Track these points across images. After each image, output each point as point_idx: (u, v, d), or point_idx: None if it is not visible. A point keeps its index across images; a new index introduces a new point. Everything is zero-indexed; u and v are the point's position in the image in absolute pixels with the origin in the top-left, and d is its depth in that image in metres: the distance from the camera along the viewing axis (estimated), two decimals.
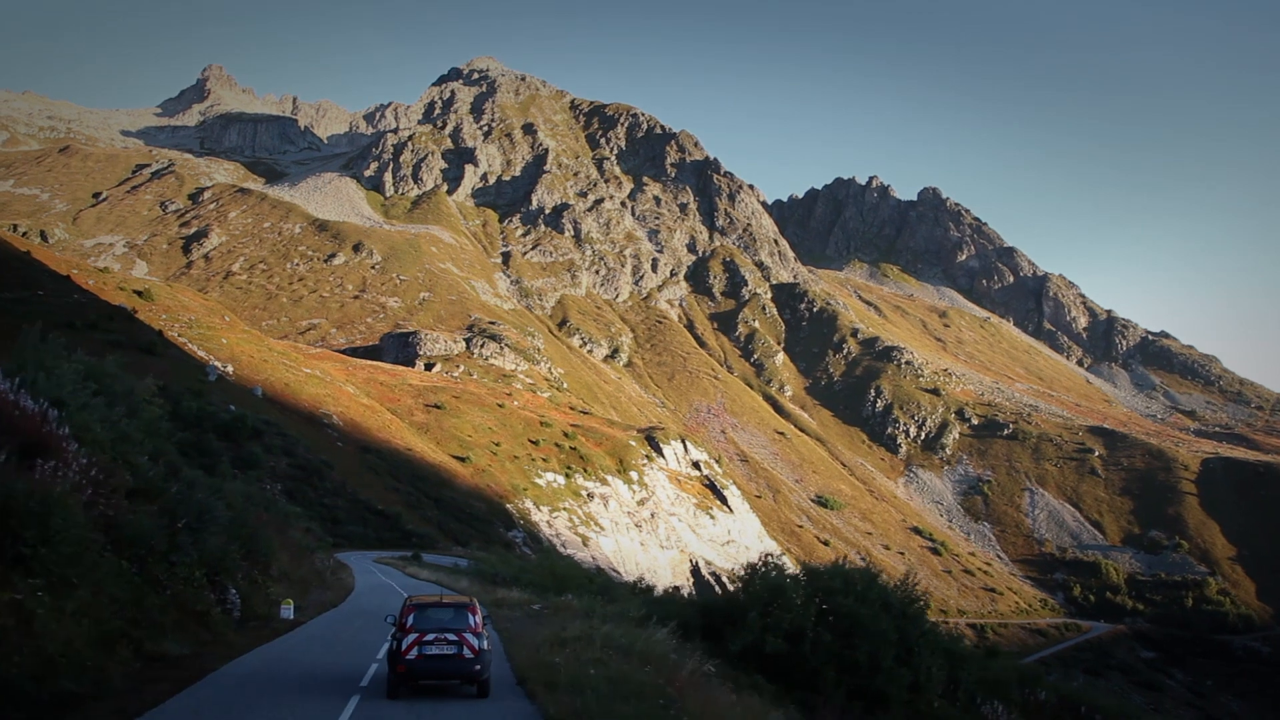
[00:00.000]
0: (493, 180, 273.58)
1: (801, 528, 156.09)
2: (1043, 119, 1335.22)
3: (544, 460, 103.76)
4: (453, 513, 79.17)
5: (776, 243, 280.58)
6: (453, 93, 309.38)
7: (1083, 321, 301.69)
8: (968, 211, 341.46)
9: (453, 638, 15.80)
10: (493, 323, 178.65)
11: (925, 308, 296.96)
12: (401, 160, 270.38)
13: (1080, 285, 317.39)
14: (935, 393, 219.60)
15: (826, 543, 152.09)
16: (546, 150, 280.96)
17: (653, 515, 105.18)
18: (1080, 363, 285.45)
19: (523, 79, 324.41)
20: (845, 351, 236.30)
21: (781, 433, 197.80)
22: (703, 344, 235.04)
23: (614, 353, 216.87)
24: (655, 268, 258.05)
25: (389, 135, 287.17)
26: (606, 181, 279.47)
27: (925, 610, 24.15)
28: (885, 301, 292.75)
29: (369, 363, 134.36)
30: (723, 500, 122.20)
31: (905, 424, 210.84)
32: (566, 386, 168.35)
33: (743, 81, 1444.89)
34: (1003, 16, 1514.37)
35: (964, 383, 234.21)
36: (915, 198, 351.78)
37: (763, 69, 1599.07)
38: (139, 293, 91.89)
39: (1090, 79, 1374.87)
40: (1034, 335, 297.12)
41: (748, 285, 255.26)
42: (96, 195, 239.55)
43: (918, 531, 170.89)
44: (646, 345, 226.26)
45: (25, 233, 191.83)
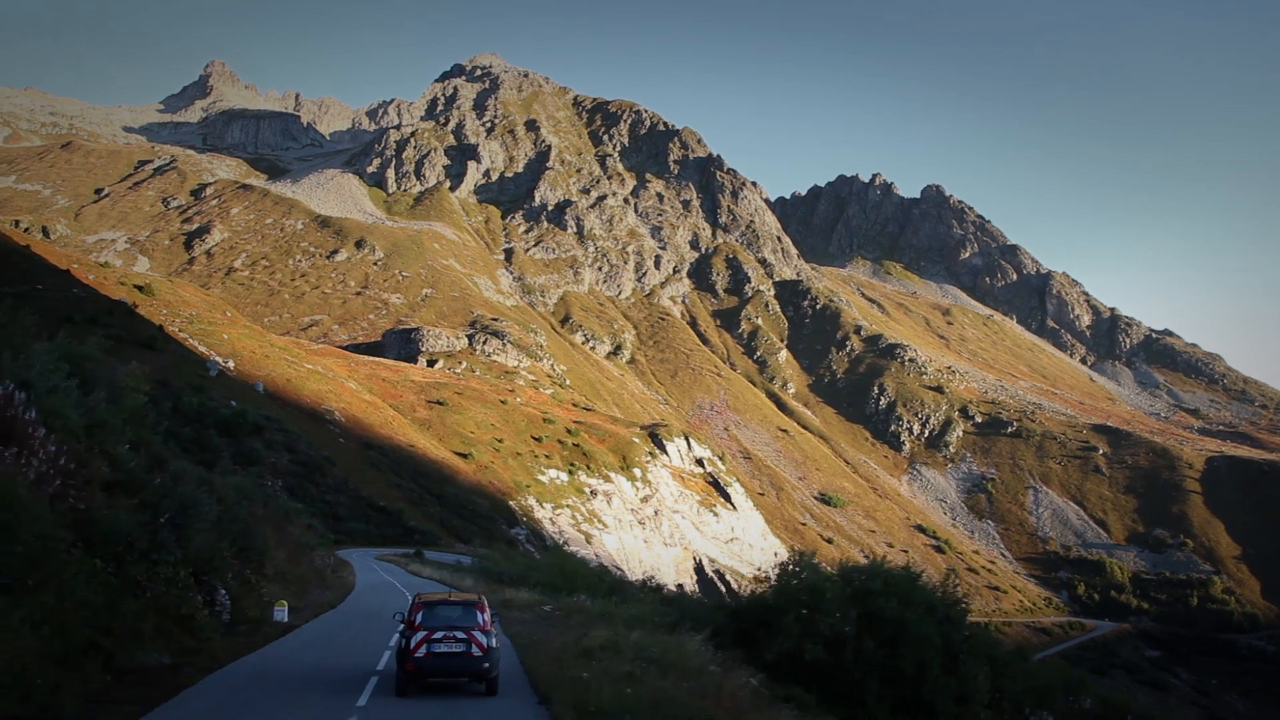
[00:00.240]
0: (495, 177, 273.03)
1: (805, 525, 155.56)
2: (1046, 117, 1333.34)
3: (547, 457, 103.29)
4: (455, 509, 78.73)
5: (780, 240, 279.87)
6: (455, 89, 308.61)
7: (1086, 319, 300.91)
8: (971, 209, 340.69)
9: (461, 635, 15.73)
10: (495, 319, 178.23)
11: (928, 305, 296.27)
12: (404, 157, 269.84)
13: (1084, 283, 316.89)
14: (939, 390, 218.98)
15: (830, 541, 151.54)
16: (549, 147, 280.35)
17: (656, 512, 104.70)
18: (1084, 361, 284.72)
19: (525, 75, 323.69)
20: (848, 349, 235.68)
21: (785, 430, 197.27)
22: (706, 341, 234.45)
23: (617, 349, 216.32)
24: (658, 264, 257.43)
25: (392, 131, 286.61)
26: (609, 178, 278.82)
27: (968, 613, 22.57)
28: (888, 299, 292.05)
29: (371, 359, 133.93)
30: (726, 498, 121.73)
31: (909, 421, 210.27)
32: (569, 383, 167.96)
33: (746, 79, 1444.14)
34: (1006, 15, 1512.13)
35: (967, 380, 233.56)
36: (918, 195, 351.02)
37: (766, 66, 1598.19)
38: (140, 287, 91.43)
39: (1093, 78, 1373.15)
40: (1037, 333, 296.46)
41: (751, 282, 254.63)
42: (99, 191, 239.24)
43: (921, 529, 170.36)
44: (649, 342, 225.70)
45: (27, 229, 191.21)
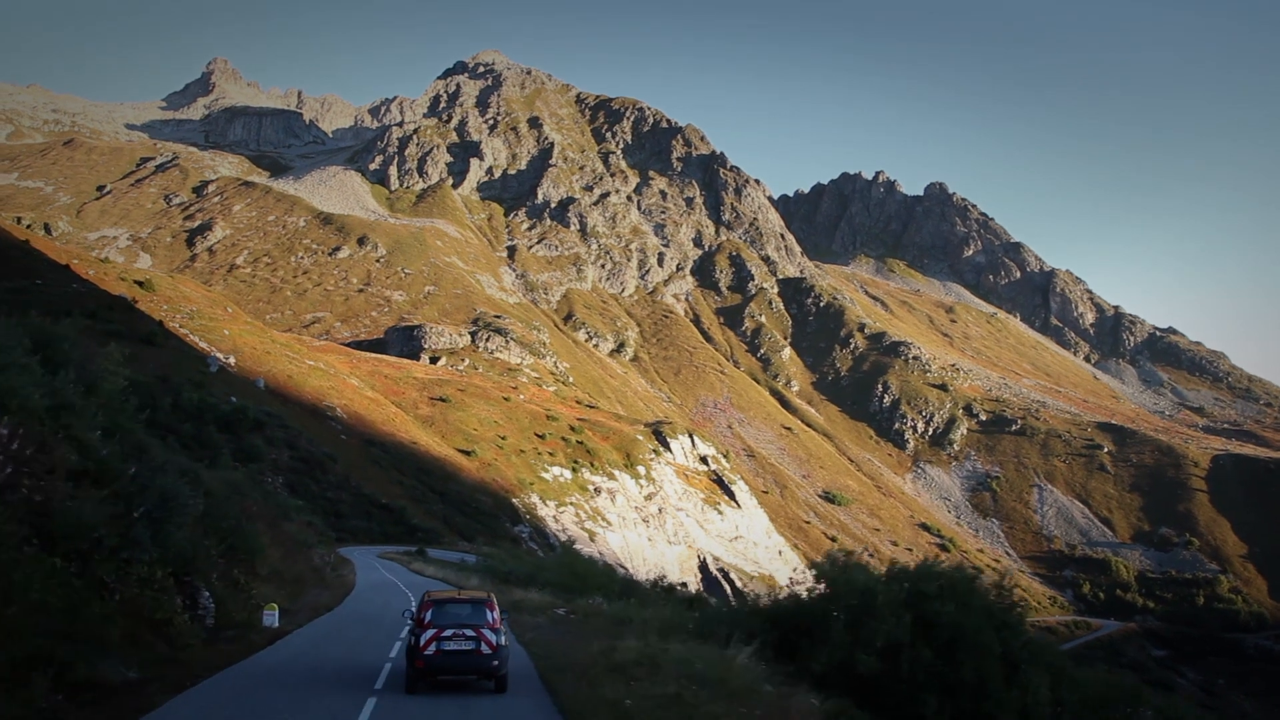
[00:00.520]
0: (498, 174, 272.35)
1: (809, 524, 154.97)
2: (1049, 115, 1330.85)
3: (550, 454, 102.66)
4: (458, 507, 78.13)
5: (783, 237, 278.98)
6: (458, 86, 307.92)
7: (1090, 317, 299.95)
8: (974, 207, 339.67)
9: (470, 633, 15.80)
10: (498, 316, 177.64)
11: (932, 303, 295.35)
12: (406, 154, 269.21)
13: (1087, 281, 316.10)
14: (943, 388, 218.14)
15: (834, 539, 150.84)
16: (552, 144, 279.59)
17: (660, 510, 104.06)
18: (1087, 359, 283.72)
19: (528, 72, 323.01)
20: (852, 346, 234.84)
21: (788, 428, 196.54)
22: (709, 339, 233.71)
23: (620, 347, 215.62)
24: (661, 262, 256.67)
25: (394, 129, 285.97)
26: (612, 175, 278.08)
27: (1025, 617, 20.64)
28: (892, 297, 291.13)
29: (373, 355, 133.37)
30: (730, 495, 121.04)
31: (913, 419, 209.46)
32: (572, 381, 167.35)
33: (749, 76, 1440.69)
34: (1010, 13, 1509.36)
35: (971, 378, 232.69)
36: (922, 193, 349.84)
37: (769, 64, 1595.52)
38: (140, 283, 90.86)
39: (1097, 76, 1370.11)
40: (1041, 331, 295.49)
41: (754, 280, 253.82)
42: (100, 188, 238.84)
43: (926, 528, 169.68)
44: (652, 340, 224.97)
45: (29, 225, 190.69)
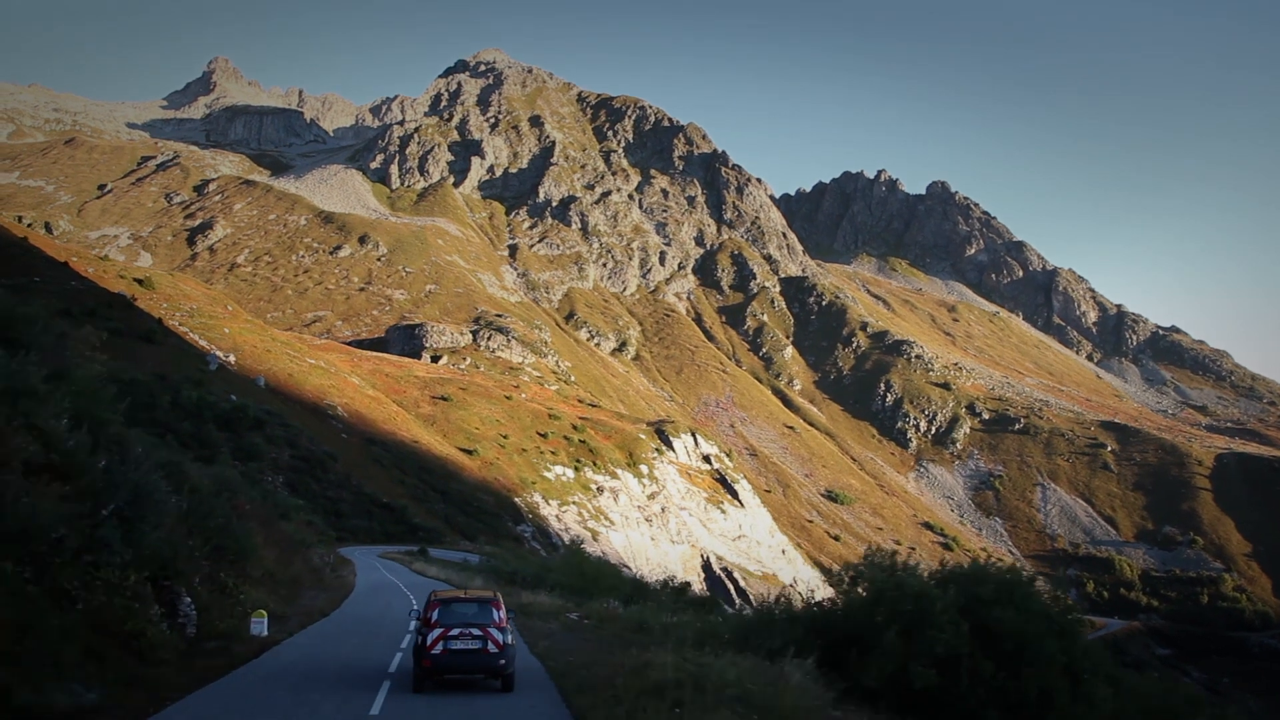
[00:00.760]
0: (499, 173, 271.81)
1: (812, 523, 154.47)
2: (1051, 114, 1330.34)
3: (553, 453, 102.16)
4: (460, 506, 77.62)
5: (785, 236, 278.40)
6: (459, 85, 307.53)
7: (1092, 316, 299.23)
8: (977, 205, 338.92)
9: (477, 632, 15.77)
10: (499, 315, 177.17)
11: (934, 302, 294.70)
12: (408, 152, 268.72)
13: (1090, 280, 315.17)
14: (945, 387, 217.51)
15: (837, 538, 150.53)
16: (553, 142, 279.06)
17: (663, 509, 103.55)
18: (1090, 357, 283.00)
19: (529, 71, 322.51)
20: (854, 345, 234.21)
21: (791, 427, 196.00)
22: (711, 337, 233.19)
23: (621, 346, 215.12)
24: (663, 261, 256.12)
25: (395, 127, 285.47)
26: (614, 174, 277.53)
27: (1082, 623, 18.71)
28: (894, 295, 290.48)
29: (374, 354, 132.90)
30: (733, 494, 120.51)
31: (915, 418, 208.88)
32: (574, 380, 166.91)
33: (751, 75, 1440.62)
34: (1011, 13, 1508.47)
35: (974, 377, 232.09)
36: (924, 192, 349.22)
37: (771, 63, 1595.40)
38: (139, 281, 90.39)
39: (1099, 75, 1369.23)
40: (1043, 330, 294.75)
41: (756, 279, 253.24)
42: (101, 187, 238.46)
43: (929, 527, 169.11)
44: (654, 339, 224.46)
45: (30, 224, 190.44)
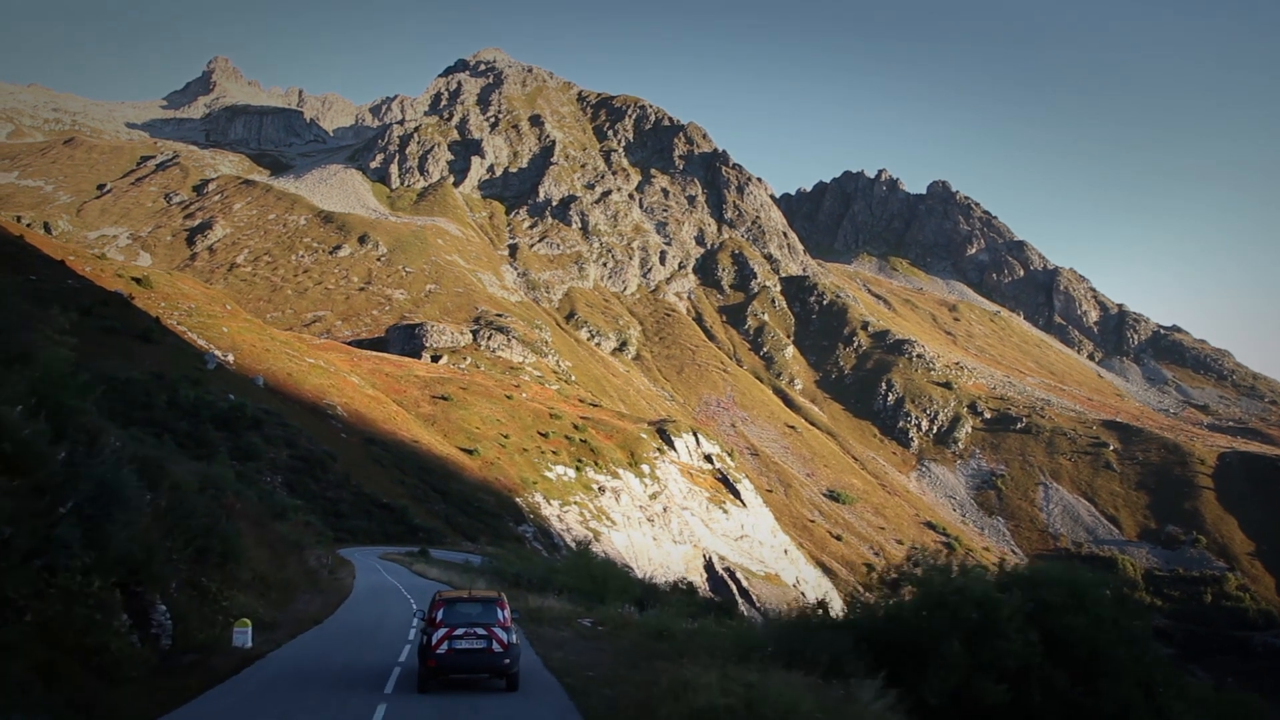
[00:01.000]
0: (499, 172, 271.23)
1: (814, 522, 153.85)
2: (1052, 114, 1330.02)
3: (554, 453, 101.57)
4: (460, 506, 77.04)
5: (785, 235, 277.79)
6: (459, 84, 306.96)
7: (1094, 315, 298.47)
8: (977, 205, 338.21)
9: (482, 632, 15.81)
10: (500, 315, 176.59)
11: (935, 301, 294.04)
12: (408, 152, 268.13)
13: (1091, 279, 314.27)
14: (947, 386, 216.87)
15: (839, 538, 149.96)
16: (554, 142, 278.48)
17: (665, 509, 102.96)
18: (1091, 357, 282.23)
19: (529, 70, 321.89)
20: (856, 345, 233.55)
21: (792, 426, 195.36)
22: (712, 337, 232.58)
23: (622, 346, 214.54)
24: (663, 260, 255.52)
25: (395, 127, 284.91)
26: (614, 173, 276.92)
27: (1152, 630, 17.17)
28: (895, 295, 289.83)
29: (374, 354, 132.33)
30: (735, 494, 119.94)
31: (917, 418, 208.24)
32: (575, 379, 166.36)
33: (751, 74, 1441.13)
34: (1013, 12, 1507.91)
35: (975, 376, 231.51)
36: (924, 191, 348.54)
37: (771, 62, 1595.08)
38: (137, 280, 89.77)
39: (1100, 75, 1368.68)
40: (1044, 329, 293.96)
41: (757, 278, 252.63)
42: (101, 187, 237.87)
43: (931, 526, 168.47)
44: (655, 338, 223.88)
45: (29, 224, 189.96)
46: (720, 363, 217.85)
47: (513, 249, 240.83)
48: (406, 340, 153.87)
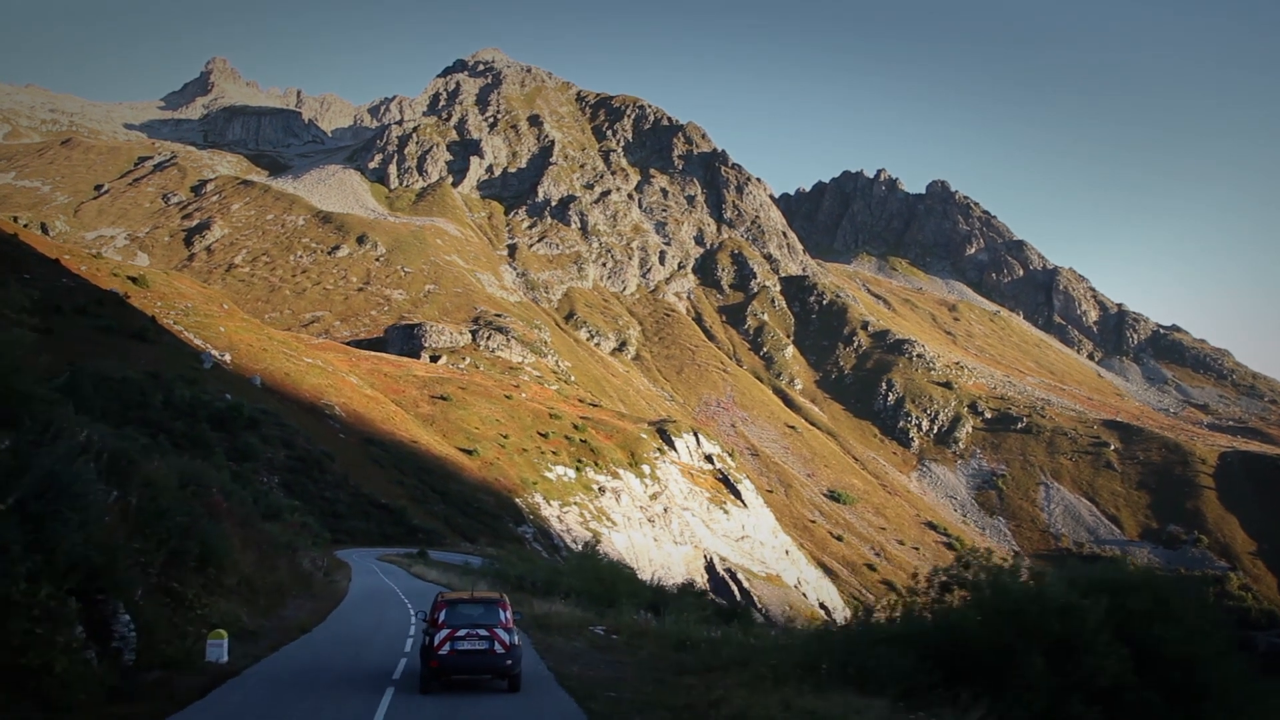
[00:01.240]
0: (498, 172, 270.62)
1: (814, 523, 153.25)
2: (1052, 113, 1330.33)
3: (554, 453, 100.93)
4: (460, 507, 76.40)
5: (785, 235, 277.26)
6: (458, 84, 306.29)
7: (1093, 315, 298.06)
8: (977, 205, 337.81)
9: (484, 633, 15.82)
10: (499, 315, 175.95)
11: (934, 301, 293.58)
12: (406, 152, 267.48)
13: (1090, 279, 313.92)
14: (947, 386, 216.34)
15: (840, 538, 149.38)
16: (552, 142, 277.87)
17: (665, 510, 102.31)
18: (1091, 356, 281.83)
19: (528, 70, 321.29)
20: (856, 344, 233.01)
21: (792, 426, 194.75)
22: (711, 337, 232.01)
23: (621, 346, 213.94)
24: (663, 260, 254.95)
25: (394, 127, 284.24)
26: (613, 173, 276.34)
27: (1234, 639, 15.06)
28: (894, 295, 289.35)
29: (373, 354, 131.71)
30: (736, 494, 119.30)
31: (917, 418, 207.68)
32: (574, 379, 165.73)
33: (750, 74, 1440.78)
34: (1010, 13, 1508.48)
35: (975, 376, 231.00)
36: (924, 191, 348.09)
37: (770, 62, 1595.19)
38: (134, 279, 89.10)
39: (1099, 74, 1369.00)
40: (1044, 329, 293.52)
41: (756, 278, 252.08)
42: (98, 188, 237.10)
43: (932, 526, 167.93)
44: (654, 338, 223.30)
45: (26, 225, 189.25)
46: (720, 363, 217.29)
47: (512, 249, 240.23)
48: (405, 340, 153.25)
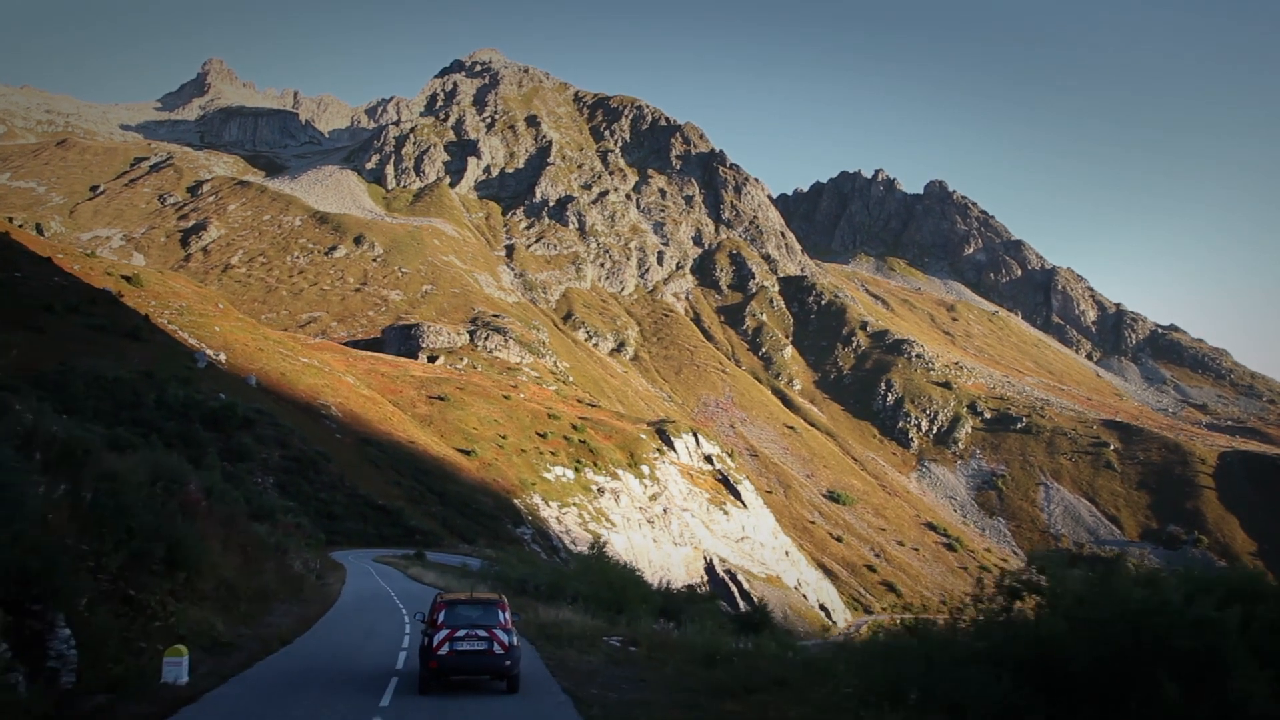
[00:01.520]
0: (496, 173, 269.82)
1: (814, 524, 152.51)
2: (1050, 113, 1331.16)
3: (552, 454, 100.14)
4: (458, 508, 75.62)
5: (783, 235, 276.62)
6: (455, 85, 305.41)
7: (1091, 315, 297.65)
8: (975, 205, 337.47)
9: (483, 634, 15.80)
10: (497, 316, 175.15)
11: (933, 301, 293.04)
12: (403, 153, 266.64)
13: (1088, 279, 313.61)
14: (946, 386, 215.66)
15: (840, 539, 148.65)
16: (550, 142, 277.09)
17: (665, 511, 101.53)
18: (1089, 356, 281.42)
19: (525, 71, 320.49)
20: (854, 345, 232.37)
21: (791, 427, 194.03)
22: (710, 337, 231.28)
23: (620, 346, 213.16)
24: (661, 260, 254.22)
25: (391, 128, 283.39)
26: (611, 174, 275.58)
27: None
28: (892, 295, 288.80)
29: (370, 354, 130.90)
30: (736, 495, 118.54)
31: (917, 418, 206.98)
32: (572, 380, 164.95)
33: (748, 74, 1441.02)
34: (1010, 13, 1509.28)
35: (974, 376, 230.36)
36: (921, 191, 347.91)
37: (768, 62, 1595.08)
38: (128, 278, 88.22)
39: (1097, 75, 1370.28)
40: (1042, 329, 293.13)
41: (755, 278, 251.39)
42: (94, 188, 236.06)
43: (932, 527, 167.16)
44: (653, 339, 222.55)
45: (21, 225, 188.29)
46: (719, 363, 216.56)
47: (509, 249, 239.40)
48: (403, 341, 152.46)
